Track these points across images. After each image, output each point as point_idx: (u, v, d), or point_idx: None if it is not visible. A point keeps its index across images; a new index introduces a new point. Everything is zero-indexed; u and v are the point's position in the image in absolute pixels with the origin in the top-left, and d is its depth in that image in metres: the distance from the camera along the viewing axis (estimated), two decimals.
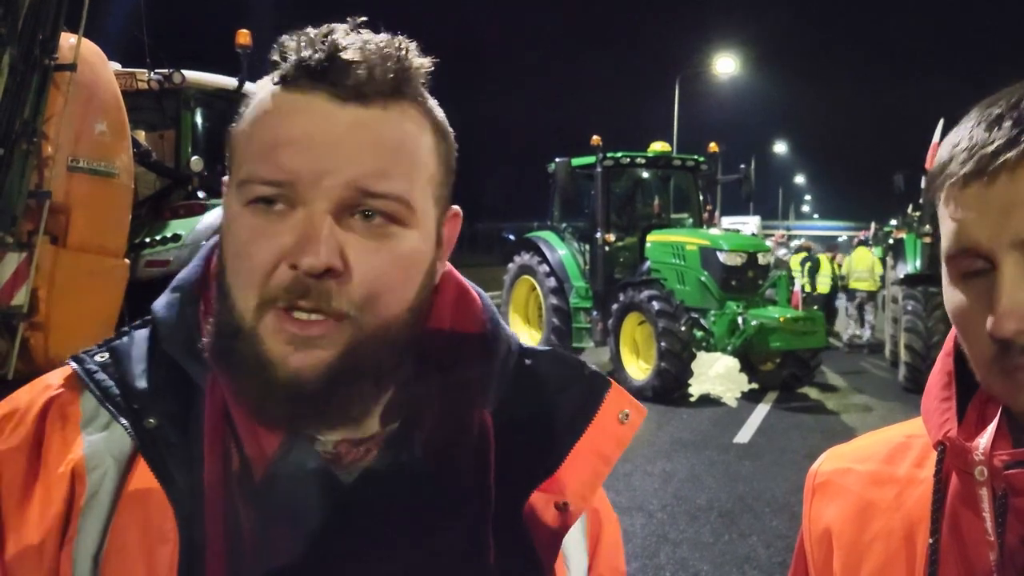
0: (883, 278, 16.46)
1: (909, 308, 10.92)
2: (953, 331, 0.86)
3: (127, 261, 5.91)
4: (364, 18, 0.75)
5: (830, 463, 0.96)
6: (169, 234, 6.33)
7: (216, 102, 7.41)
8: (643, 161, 12.29)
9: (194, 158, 6.91)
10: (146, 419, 0.73)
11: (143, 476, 0.72)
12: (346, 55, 0.71)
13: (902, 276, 11.88)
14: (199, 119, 7.31)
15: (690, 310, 10.53)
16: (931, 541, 0.80)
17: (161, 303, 0.80)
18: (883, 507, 0.88)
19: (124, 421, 0.73)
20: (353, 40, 0.72)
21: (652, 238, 11.63)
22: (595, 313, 11.69)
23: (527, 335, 12.72)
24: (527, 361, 0.85)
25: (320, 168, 0.70)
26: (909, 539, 0.84)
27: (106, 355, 0.77)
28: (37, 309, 5.19)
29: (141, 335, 0.79)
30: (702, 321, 10.67)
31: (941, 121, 12.33)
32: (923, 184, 12.22)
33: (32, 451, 0.73)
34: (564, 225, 12.71)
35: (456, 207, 0.83)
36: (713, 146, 13.38)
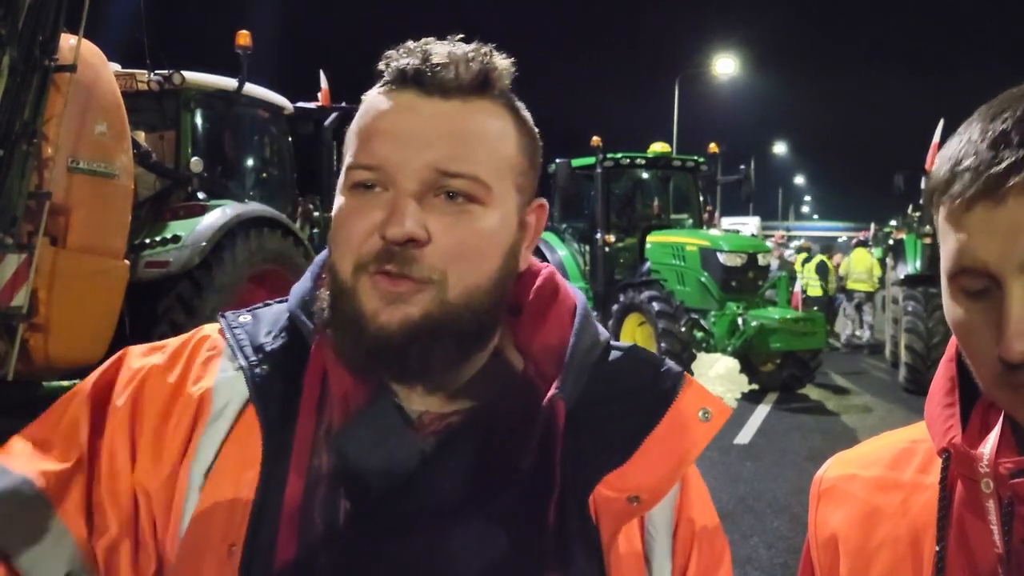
0: (881, 279, 16.47)
1: (909, 309, 10.92)
2: (955, 337, 0.86)
3: (127, 262, 5.90)
4: (461, 35, 0.85)
5: (835, 469, 0.96)
6: (169, 235, 6.32)
7: (216, 103, 7.41)
8: (643, 162, 12.29)
9: (194, 159, 6.91)
10: (262, 367, 0.84)
11: (250, 415, 0.83)
12: (434, 59, 0.82)
13: (902, 277, 11.88)
14: (199, 120, 7.31)
15: (690, 311, 10.53)
16: (937, 548, 0.80)
17: (303, 278, 0.92)
18: (889, 513, 0.88)
19: (244, 364, 0.85)
20: (443, 48, 0.83)
21: (652, 239, 11.63)
22: (595, 314, 11.66)
23: None
24: (610, 356, 0.90)
25: (403, 153, 0.80)
26: (915, 545, 0.84)
27: (248, 317, 0.90)
28: (37, 310, 5.18)
29: (280, 305, 0.92)
30: (702, 322, 10.67)
31: (941, 121, 12.34)
32: (923, 185, 12.21)
33: (175, 373, 0.86)
34: (564, 226, 12.71)
35: (543, 199, 0.92)
36: (713, 147, 13.38)
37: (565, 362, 0.86)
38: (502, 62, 0.84)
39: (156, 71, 6.89)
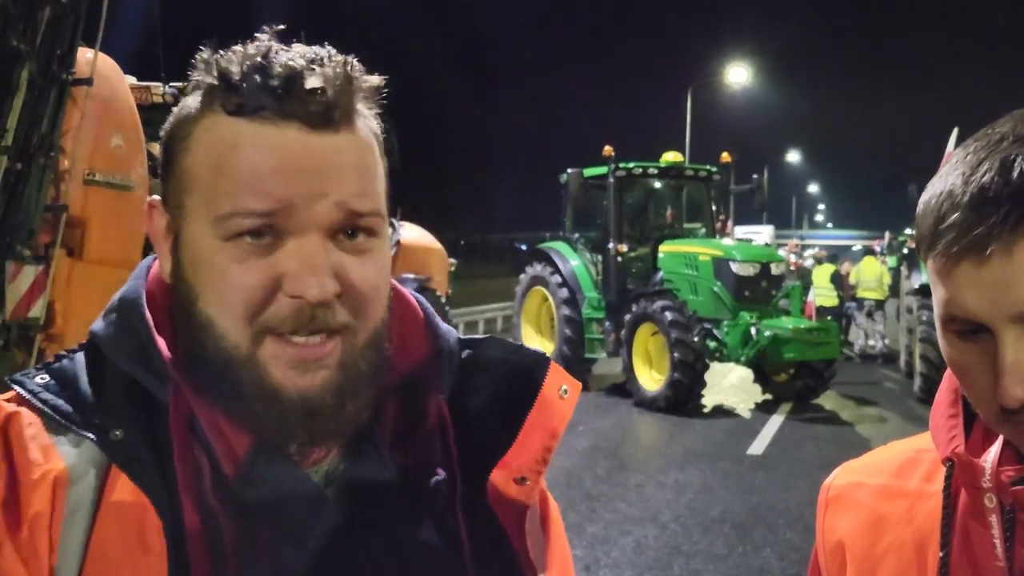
0: (891, 287, 16.37)
1: (924, 318, 10.85)
2: (953, 375, 0.88)
3: None
4: (282, 26, 0.76)
5: (843, 477, 0.98)
6: None
7: None
8: (655, 171, 12.29)
9: None
10: (112, 431, 0.72)
11: (122, 487, 0.72)
12: (308, 83, 0.72)
13: (917, 286, 11.81)
14: None
15: (703, 320, 10.50)
16: (941, 555, 0.82)
17: (100, 324, 0.79)
18: (894, 520, 0.90)
19: (90, 435, 0.72)
20: (299, 60, 0.73)
21: (665, 248, 11.62)
22: (608, 324, 11.67)
23: (539, 346, 12.71)
24: (468, 350, 0.89)
25: (311, 193, 0.72)
26: (920, 552, 0.86)
27: (46, 377, 0.76)
28: (54, 321, 5.23)
29: (81, 357, 0.78)
30: (715, 331, 10.64)
31: (955, 130, 12.28)
32: None
33: (2, 465, 0.71)
34: (576, 236, 12.72)
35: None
36: (726, 156, 13.37)
37: (436, 361, 0.85)
38: (372, 80, 0.77)
39: (171, 84, 6.95)
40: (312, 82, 0.72)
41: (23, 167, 4.93)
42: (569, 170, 11.83)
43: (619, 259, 11.70)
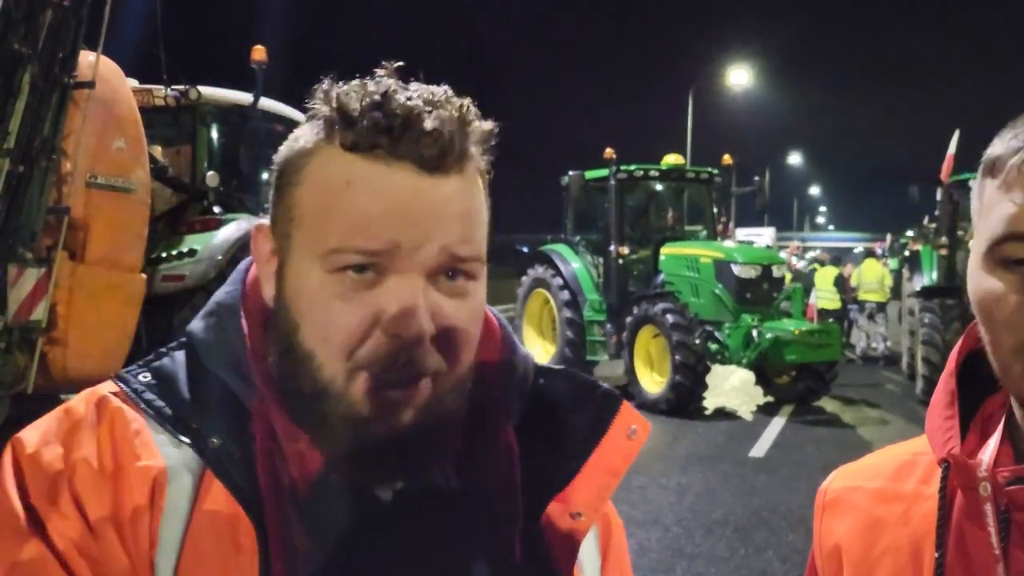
0: (893, 289, 16.37)
1: (926, 320, 10.84)
2: (955, 351, 0.88)
3: (144, 276, 5.96)
4: (400, 63, 0.78)
5: (839, 481, 0.99)
6: (185, 249, 6.38)
7: (232, 118, 7.48)
8: (657, 173, 12.30)
9: (210, 173, 6.97)
10: (209, 438, 0.76)
11: (216, 491, 0.75)
12: (424, 124, 0.73)
13: (919, 288, 11.81)
14: (215, 135, 7.38)
15: (704, 323, 10.49)
16: (936, 555, 0.82)
17: (199, 326, 0.82)
18: (891, 523, 0.90)
19: (188, 440, 0.76)
20: (416, 101, 0.74)
21: (666, 251, 11.61)
22: (609, 326, 11.67)
23: (541, 348, 12.71)
24: (541, 380, 0.89)
25: (416, 240, 0.73)
26: (916, 554, 0.86)
27: (149, 376, 0.80)
28: (55, 324, 5.24)
29: (180, 356, 0.82)
30: (717, 334, 10.63)
31: (956, 132, 12.27)
32: (938, 196, 12.16)
33: (110, 457, 0.74)
34: (578, 238, 12.72)
35: None
36: (727, 158, 13.37)
37: (509, 390, 0.86)
38: (485, 126, 0.78)
39: (172, 87, 6.97)
40: (428, 124, 0.73)
41: (25, 170, 4.94)
42: (570, 172, 11.83)
43: (620, 261, 11.70)
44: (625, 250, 11.75)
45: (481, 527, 0.80)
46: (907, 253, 16.11)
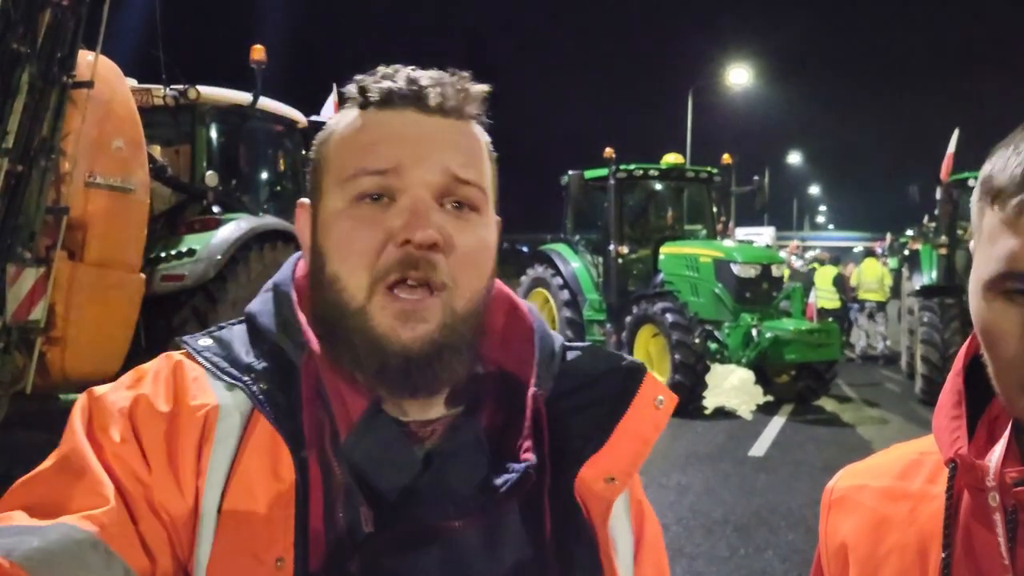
0: (893, 288, 16.37)
1: (925, 320, 10.85)
2: (962, 351, 0.88)
3: (143, 275, 5.95)
4: (414, 64, 0.90)
5: (846, 480, 0.99)
6: (184, 248, 6.37)
7: (231, 117, 7.47)
8: (656, 173, 12.29)
9: (209, 173, 6.96)
10: (258, 384, 0.84)
11: (262, 428, 0.83)
12: (423, 82, 0.87)
13: (918, 288, 11.81)
14: (214, 134, 7.37)
15: (704, 322, 10.50)
16: (944, 555, 0.82)
17: (255, 303, 0.92)
18: (897, 522, 0.90)
19: (241, 384, 0.84)
20: (421, 73, 0.88)
21: (665, 250, 11.61)
22: (608, 326, 11.67)
23: None
24: (570, 355, 0.96)
25: (419, 155, 0.84)
26: (923, 553, 0.86)
27: (209, 341, 0.89)
28: (54, 324, 5.23)
29: (238, 327, 0.92)
30: (716, 333, 10.64)
31: (956, 132, 12.27)
32: (938, 195, 12.16)
33: (165, 397, 0.83)
34: (577, 237, 12.72)
35: (498, 217, 0.95)
36: (727, 157, 13.36)
37: (536, 361, 0.92)
38: (481, 86, 0.90)
39: (172, 86, 6.96)
40: (427, 81, 0.87)
41: (24, 170, 4.94)
42: (570, 172, 11.82)
43: (620, 261, 11.70)
44: (625, 249, 11.75)
45: (508, 488, 0.84)
46: (907, 252, 16.12)
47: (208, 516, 0.80)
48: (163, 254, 6.36)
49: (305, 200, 0.92)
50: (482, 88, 0.90)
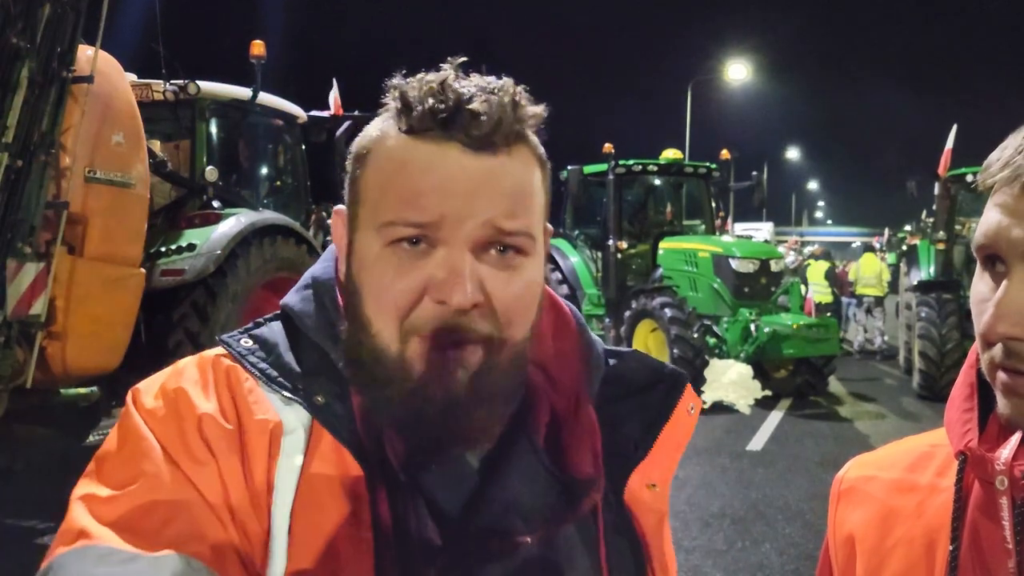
0: (891, 283, 16.38)
1: (923, 315, 10.86)
2: (976, 343, 0.88)
3: (143, 270, 5.96)
4: (464, 58, 0.83)
5: (855, 470, 0.98)
6: (184, 243, 6.37)
7: (231, 112, 7.47)
8: (655, 168, 12.30)
9: (209, 168, 6.96)
10: (315, 397, 0.82)
11: (326, 445, 0.80)
12: (473, 106, 0.79)
13: (916, 283, 11.82)
14: (214, 129, 7.37)
15: (703, 317, 10.51)
16: (951, 548, 0.82)
17: (295, 299, 0.89)
18: (905, 514, 0.89)
19: (298, 399, 0.82)
20: (471, 88, 0.81)
21: (664, 245, 11.62)
22: (607, 320, 11.68)
23: None
24: (612, 361, 0.95)
25: (462, 212, 0.79)
26: (930, 546, 0.86)
27: (250, 342, 0.85)
28: (54, 319, 5.23)
29: (277, 326, 0.88)
30: (715, 328, 10.65)
31: (954, 127, 12.27)
32: (936, 191, 12.16)
33: (231, 412, 0.80)
34: (576, 232, 12.72)
35: (549, 225, 0.91)
36: (725, 153, 13.38)
37: (587, 371, 0.91)
38: (535, 109, 0.84)
39: (171, 81, 6.95)
40: (476, 107, 0.79)
41: (24, 164, 4.94)
42: (569, 167, 11.83)
43: (619, 256, 11.71)
44: (623, 244, 11.76)
45: (566, 497, 0.84)
46: (904, 248, 16.13)
47: (279, 534, 0.77)
48: (163, 249, 6.36)
49: (342, 208, 0.88)
50: (538, 111, 0.84)
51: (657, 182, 12.78)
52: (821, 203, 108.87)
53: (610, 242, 11.68)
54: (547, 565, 0.83)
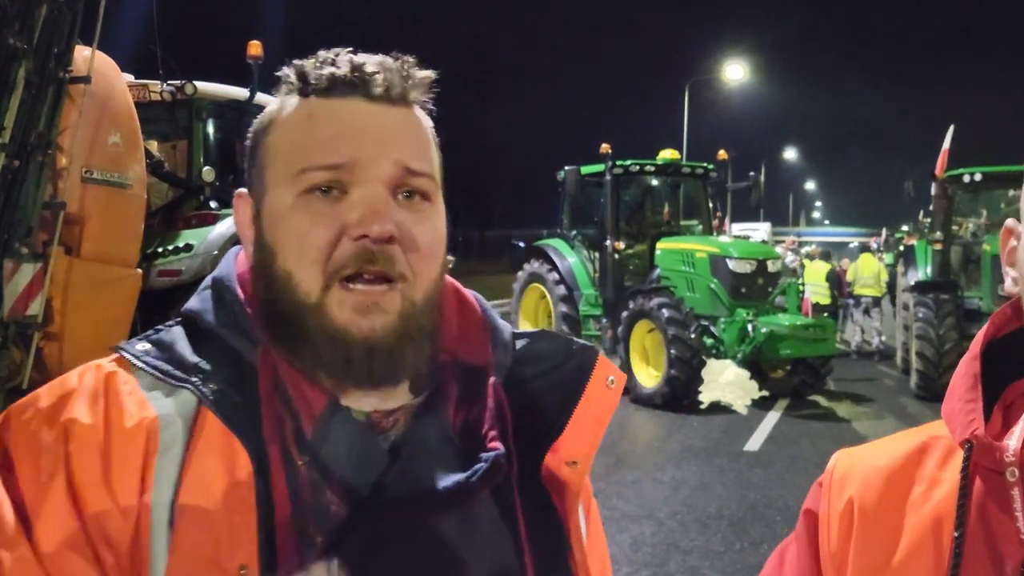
0: (889, 284, 16.40)
1: (920, 315, 10.87)
2: (979, 336, 0.88)
3: (140, 271, 5.95)
4: (355, 48, 0.88)
5: (845, 460, 0.96)
6: (181, 244, 6.37)
7: (227, 113, 7.47)
8: (652, 168, 12.30)
9: (206, 168, 6.96)
10: (208, 385, 0.80)
11: (211, 431, 0.78)
12: (368, 69, 0.84)
13: (913, 283, 11.84)
14: (211, 130, 7.37)
15: (700, 317, 10.51)
16: (956, 535, 0.80)
17: (194, 301, 0.88)
18: (912, 502, 0.87)
19: (189, 386, 0.80)
20: (365, 58, 0.86)
21: (662, 245, 11.63)
22: (605, 321, 11.68)
23: None
24: (521, 342, 0.96)
25: (373, 152, 0.82)
26: (936, 534, 0.84)
27: (148, 345, 0.84)
28: (51, 319, 5.23)
29: (176, 330, 0.86)
30: (712, 328, 10.66)
31: (951, 128, 12.30)
32: (933, 191, 12.18)
33: (99, 418, 0.78)
34: (574, 233, 12.72)
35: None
36: (722, 153, 13.39)
37: (492, 350, 0.92)
38: (426, 72, 0.88)
39: (168, 82, 6.95)
40: (371, 69, 0.84)
41: (21, 165, 4.93)
42: (566, 167, 11.83)
43: (616, 256, 11.71)
44: (621, 245, 11.77)
45: (477, 477, 0.83)
46: (902, 248, 16.15)
47: (159, 530, 0.75)
48: (160, 249, 6.36)
49: (243, 190, 0.88)
50: (427, 74, 0.88)
51: (654, 182, 12.78)
52: (818, 203, 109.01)
53: (607, 242, 11.68)
54: (461, 542, 0.82)
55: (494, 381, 0.89)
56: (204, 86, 7.16)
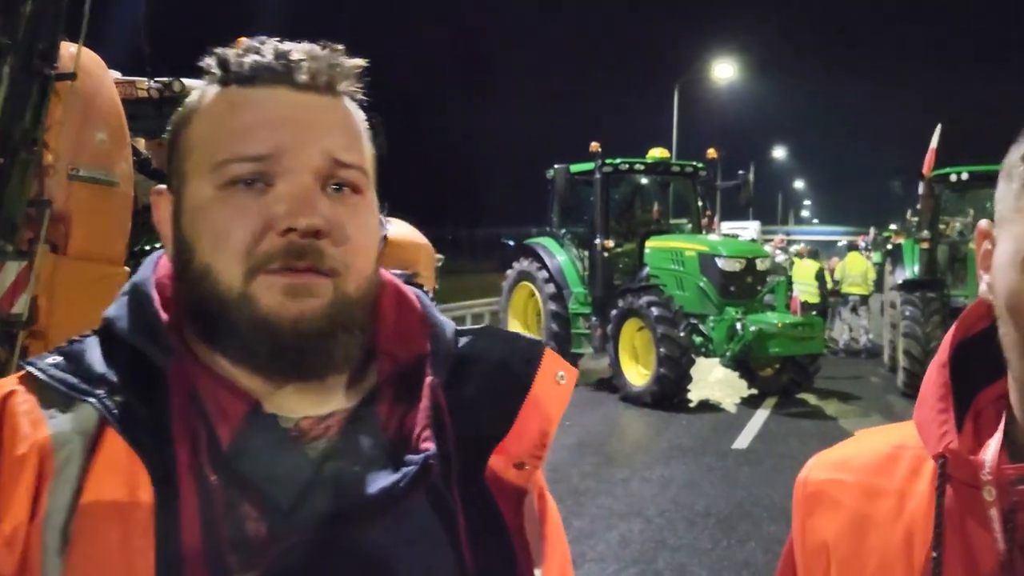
0: (876, 283, 16.48)
1: (907, 314, 10.94)
2: (946, 341, 0.85)
3: (127, 269, 5.91)
4: (281, 37, 0.84)
5: (819, 471, 0.95)
6: None
7: None
8: (642, 167, 12.33)
9: None
10: (113, 398, 0.75)
11: (112, 448, 0.74)
12: (293, 56, 0.81)
13: (900, 282, 11.90)
14: None
15: (689, 316, 10.55)
16: (934, 555, 0.79)
17: (112, 307, 0.84)
18: (879, 520, 0.86)
19: (91, 400, 0.75)
20: (291, 46, 0.82)
21: (651, 244, 11.65)
22: (594, 319, 11.70)
23: None
24: (465, 339, 0.91)
25: (298, 141, 0.78)
26: (907, 551, 0.83)
27: (58, 358, 0.79)
28: (36, 317, 5.19)
29: (91, 339, 0.82)
30: (701, 327, 10.69)
31: (939, 127, 12.37)
32: (921, 190, 12.25)
33: None
34: (563, 231, 12.73)
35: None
36: (712, 152, 13.41)
37: (431, 350, 0.87)
38: (354, 60, 0.84)
39: (156, 78, 6.91)
40: (296, 56, 0.80)
41: (5, 162, 4.89)
42: (556, 166, 11.84)
43: (605, 254, 11.73)
44: (610, 243, 11.78)
45: (415, 481, 0.78)
46: (889, 247, 16.23)
47: (51, 558, 0.71)
48: (147, 247, 6.32)
49: (162, 187, 0.84)
50: (356, 62, 0.84)
51: (644, 181, 12.80)
52: (807, 202, 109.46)
53: (597, 241, 11.70)
54: (393, 552, 0.77)
55: (431, 381, 0.84)
56: (192, 83, 7.10)
